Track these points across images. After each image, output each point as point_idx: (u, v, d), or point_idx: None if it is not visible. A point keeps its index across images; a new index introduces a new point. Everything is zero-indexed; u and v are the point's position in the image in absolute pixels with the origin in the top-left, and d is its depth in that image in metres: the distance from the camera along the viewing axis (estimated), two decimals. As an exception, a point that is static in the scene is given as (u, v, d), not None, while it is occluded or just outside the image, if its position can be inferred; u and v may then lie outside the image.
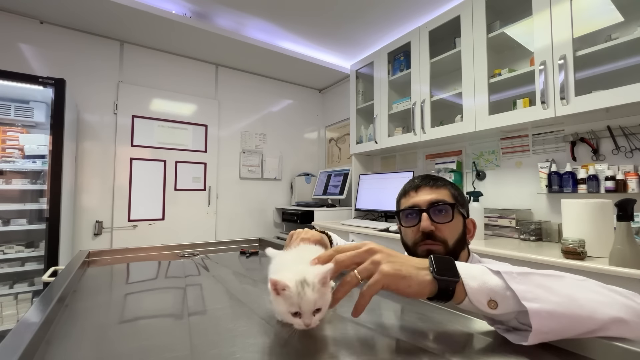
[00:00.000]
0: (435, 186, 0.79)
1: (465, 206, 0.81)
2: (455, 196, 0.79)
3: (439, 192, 0.78)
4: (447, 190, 0.80)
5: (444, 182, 0.81)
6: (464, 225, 0.79)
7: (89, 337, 0.46)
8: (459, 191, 0.82)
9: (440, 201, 0.76)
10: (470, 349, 0.43)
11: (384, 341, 0.45)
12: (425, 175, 0.84)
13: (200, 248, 1.20)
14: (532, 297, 0.38)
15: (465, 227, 0.79)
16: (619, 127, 1.57)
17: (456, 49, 2.02)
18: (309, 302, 0.40)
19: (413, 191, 0.81)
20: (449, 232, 0.75)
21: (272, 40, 2.82)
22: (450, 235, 0.75)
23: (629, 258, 1.12)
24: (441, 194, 0.78)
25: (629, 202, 1.15)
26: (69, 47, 2.45)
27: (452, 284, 0.41)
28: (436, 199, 0.76)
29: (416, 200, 0.79)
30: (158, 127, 2.81)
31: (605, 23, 1.55)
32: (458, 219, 0.77)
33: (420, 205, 0.77)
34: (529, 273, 0.42)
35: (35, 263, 2.10)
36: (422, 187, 0.80)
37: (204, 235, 2.95)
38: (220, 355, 0.40)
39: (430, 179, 0.82)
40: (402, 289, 0.42)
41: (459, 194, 0.81)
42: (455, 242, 0.75)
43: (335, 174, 3.21)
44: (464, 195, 0.83)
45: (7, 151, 2.11)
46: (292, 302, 0.40)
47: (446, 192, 0.79)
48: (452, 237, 0.75)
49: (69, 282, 0.67)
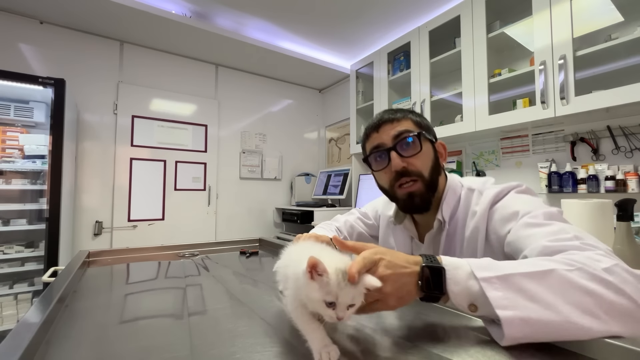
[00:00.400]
0: (395, 120, 0.73)
1: (431, 131, 0.77)
2: (418, 123, 0.74)
3: (400, 125, 0.72)
4: (408, 120, 0.74)
5: (403, 113, 0.75)
6: (434, 151, 0.75)
7: (89, 337, 0.46)
8: (421, 117, 0.77)
9: (403, 133, 0.71)
10: (466, 344, 0.43)
11: (385, 341, 0.45)
12: (383, 111, 0.77)
13: (200, 248, 1.20)
14: (507, 305, 0.39)
15: (436, 153, 0.75)
16: (619, 127, 1.57)
17: (456, 49, 2.02)
18: (348, 294, 0.38)
19: (374, 132, 0.75)
20: (422, 163, 0.71)
21: (272, 40, 2.82)
22: (424, 166, 0.71)
23: (629, 258, 1.12)
24: (403, 125, 0.72)
25: (629, 202, 1.15)
26: (69, 47, 2.45)
27: (438, 297, 0.45)
28: (400, 132, 0.71)
29: (380, 140, 0.73)
30: (158, 127, 2.81)
31: (605, 23, 1.55)
32: (427, 147, 0.73)
33: (385, 143, 0.72)
34: (510, 275, 0.41)
35: (35, 263, 2.10)
36: (383, 124, 0.73)
37: (204, 235, 2.95)
38: (220, 355, 0.40)
39: (388, 112, 0.75)
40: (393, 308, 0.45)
41: (421, 120, 0.76)
42: (430, 172, 0.72)
43: (335, 174, 3.21)
44: (427, 120, 0.78)
45: (7, 151, 2.11)
46: (329, 290, 0.37)
47: (408, 123, 0.73)
48: (426, 167, 0.71)
49: (69, 283, 0.67)
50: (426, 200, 0.71)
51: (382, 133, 0.73)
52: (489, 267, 0.43)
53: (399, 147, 0.70)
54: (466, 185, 0.74)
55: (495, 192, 0.67)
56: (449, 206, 0.72)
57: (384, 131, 0.73)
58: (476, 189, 0.72)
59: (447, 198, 0.73)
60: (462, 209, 0.72)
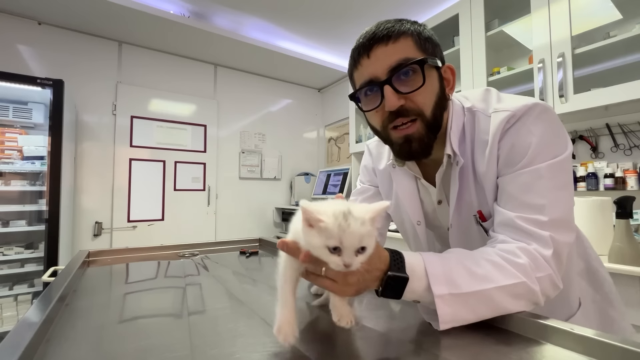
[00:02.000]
0: (392, 39, 0.55)
1: (438, 51, 0.59)
2: (422, 43, 0.56)
3: (398, 47, 0.55)
4: (409, 38, 0.55)
5: (401, 27, 0.56)
6: (440, 79, 0.59)
7: (89, 337, 0.46)
8: (425, 32, 0.58)
9: (402, 62, 0.54)
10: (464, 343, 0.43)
11: (387, 342, 0.45)
12: (377, 24, 0.57)
13: (200, 248, 1.20)
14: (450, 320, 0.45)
15: (442, 82, 0.59)
16: (618, 125, 1.57)
17: (455, 47, 2.02)
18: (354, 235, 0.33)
19: (364, 56, 0.57)
20: (423, 98, 0.56)
21: (270, 39, 2.81)
22: (426, 102, 0.56)
23: (628, 255, 1.13)
24: (401, 48, 0.55)
25: (628, 199, 1.15)
26: (67, 47, 2.45)
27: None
28: (397, 61, 0.54)
29: (371, 70, 0.56)
30: (157, 127, 2.80)
31: (604, 21, 1.56)
32: (432, 76, 0.57)
33: (378, 76, 0.55)
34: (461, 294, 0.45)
35: (34, 264, 2.10)
36: (375, 46, 0.55)
37: (204, 235, 2.95)
38: (220, 355, 0.40)
39: (383, 25, 0.56)
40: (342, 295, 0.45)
41: (426, 38, 0.57)
42: (433, 109, 0.57)
43: (335, 174, 3.21)
44: (433, 36, 0.59)
45: (6, 152, 2.11)
46: (330, 234, 0.33)
47: (408, 42, 0.55)
48: (429, 103, 0.56)
49: (69, 282, 0.67)
50: (426, 145, 0.58)
51: (373, 59, 0.56)
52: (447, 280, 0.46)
53: (395, 81, 0.55)
54: (466, 106, 0.62)
55: (504, 117, 0.55)
56: (455, 136, 0.60)
57: (376, 57, 0.56)
58: (478, 110, 0.60)
59: (453, 126, 0.60)
60: (468, 136, 0.60)
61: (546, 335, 0.42)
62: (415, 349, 0.43)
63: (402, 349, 0.43)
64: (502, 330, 0.46)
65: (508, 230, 0.52)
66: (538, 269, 0.48)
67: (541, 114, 0.54)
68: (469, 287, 0.45)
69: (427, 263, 0.47)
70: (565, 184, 0.52)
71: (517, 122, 0.54)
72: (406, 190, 0.70)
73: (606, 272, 0.71)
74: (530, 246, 0.49)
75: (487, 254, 0.50)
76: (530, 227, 0.50)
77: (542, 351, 0.40)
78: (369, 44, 0.56)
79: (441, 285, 0.45)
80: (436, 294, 0.44)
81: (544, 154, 0.52)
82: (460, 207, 0.62)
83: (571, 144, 0.55)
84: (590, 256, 0.70)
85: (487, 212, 0.60)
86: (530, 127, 0.53)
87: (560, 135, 0.54)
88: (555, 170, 0.51)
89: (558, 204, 0.51)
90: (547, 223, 0.49)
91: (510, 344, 0.42)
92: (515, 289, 0.46)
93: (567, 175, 0.53)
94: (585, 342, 0.39)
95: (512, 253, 0.49)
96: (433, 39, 0.59)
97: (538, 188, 0.51)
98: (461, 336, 0.44)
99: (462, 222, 0.63)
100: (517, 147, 0.54)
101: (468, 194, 0.61)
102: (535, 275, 0.47)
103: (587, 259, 0.69)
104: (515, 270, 0.47)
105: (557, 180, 0.52)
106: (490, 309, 0.46)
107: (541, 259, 0.48)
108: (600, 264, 0.71)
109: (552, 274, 0.48)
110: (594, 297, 0.67)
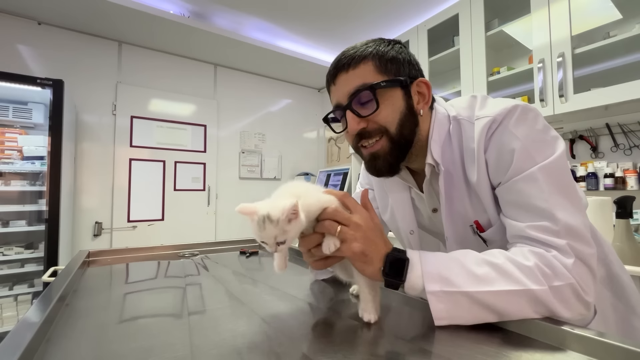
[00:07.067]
0: (352, 65, 0.57)
1: (404, 68, 0.58)
2: (383, 65, 0.57)
3: (357, 73, 0.57)
4: (369, 62, 0.57)
5: (363, 52, 0.57)
6: (406, 96, 0.58)
7: (89, 336, 0.46)
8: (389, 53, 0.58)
9: (359, 88, 0.56)
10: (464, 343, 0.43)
11: (387, 341, 0.45)
12: (343, 51, 0.60)
13: (200, 248, 1.20)
14: (444, 316, 0.46)
15: (410, 99, 0.59)
16: (618, 125, 1.57)
17: (455, 47, 2.02)
18: (269, 236, 0.45)
19: (332, 84, 0.60)
20: (384, 118, 0.57)
21: (270, 39, 2.81)
22: (388, 121, 0.57)
23: (628, 255, 1.13)
24: (361, 72, 0.57)
25: (628, 199, 1.15)
26: (67, 47, 2.45)
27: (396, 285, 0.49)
28: (355, 87, 0.56)
29: (337, 96, 0.60)
30: (157, 127, 2.80)
31: (604, 21, 1.56)
32: (393, 96, 0.57)
33: (341, 102, 0.59)
34: (455, 292, 0.46)
35: (34, 264, 2.10)
36: (338, 74, 0.59)
37: (204, 235, 2.95)
38: (220, 355, 0.40)
39: (344, 56, 0.58)
40: (358, 269, 0.50)
41: (390, 59, 0.58)
42: (399, 125, 0.57)
43: (335, 173, 3.21)
44: (400, 54, 0.59)
45: (6, 152, 2.11)
46: (257, 233, 0.46)
47: (368, 67, 0.57)
48: (392, 121, 0.57)
49: (70, 282, 0.67)
50: (390, 163, 0.59)
51: (338, 86, 0.59)
52: (440, 278, 0.47)
53: (354, 105, 0.57)
54: (452, 114, 0.61)
55: (486, 123, 0.55)
56: (437, 145, 0.60)
57: (339, 83, 0.59)
58: (463, 118, 0.60)
59: (435, 135, 0.60)
60: (456, 145, 0.60)
61: (566, 342, 0.41)
62: (419, 350, 0.43)
63: (405, 348, 0.43)
64: (506, 331, 0.46)
65: (524, 241, 0.51)
66: (556, 277, 0.45)
67: (522, 116, 0.53)
68: (464, 287, 0.45)
69: (422, 260, 0.49)
70: (566, 184, 0.50)
71: (499, 127, 0.54)
72: (399, 199, 0.71)
73: (630, 279, 0.66)
74: (550, 253, 0.47)
75: (493, 255, 0.49)
76: (545, 236, 0.48)
77: (555, 357, 0.40)
78: (334, 72, 0.60)
79: (434, 282, 0.46)
80: (428, 290, 0.46)
81: (532, 157, 0.51)
82: (453, 216, 0.62)
83: (562, 141, 0.53)
84: (612, 262, 0.65)
85: (485, 222, 0.59)
86: (512, 131, 0.53)
87: (547, 135, 0.53)
88: (550, 172, 0.50)
89: (564, 208, 0.49)
90: (560, 231, 0.47)
91: (522, 348, 0.42)
92: (518, 294, 0.44)
93: (565, 175, 0.51)
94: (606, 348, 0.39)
95: (521, 255, 0.47)
96: (399, 57, 0.59)
97: (537, 193, 0.49)
98: (463, 336, 0.44)
99: (458, 232, 0.63)
100: (502, 153, 0.53)
101: (461, 204, 0.61)
102: (551, 283, 0.45)
103: (608, 265, 0.65)
104: (520, 275, 0.45)
105: (556, 182, 0.50)
106: (489, 312, 0.45)
107: (560, 266, 0.45)
108: (623, 270, 0.66)
109: (575, 284, 0.45)
110: (616, 305, 0.63)
